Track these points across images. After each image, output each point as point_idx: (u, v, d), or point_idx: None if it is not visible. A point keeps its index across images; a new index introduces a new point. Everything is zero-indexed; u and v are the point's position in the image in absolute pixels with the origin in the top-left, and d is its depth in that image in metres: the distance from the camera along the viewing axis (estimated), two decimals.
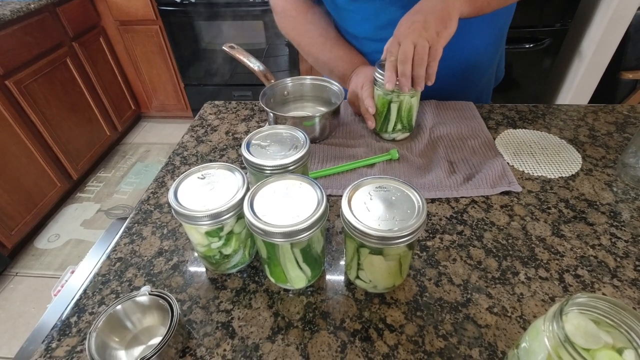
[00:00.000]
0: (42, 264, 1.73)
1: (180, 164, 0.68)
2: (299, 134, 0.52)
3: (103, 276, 0.49)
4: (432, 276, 0.47)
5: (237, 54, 0.74)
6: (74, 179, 2.05)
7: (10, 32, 1.63)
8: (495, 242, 0.51)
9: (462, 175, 0.61)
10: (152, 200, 0.61)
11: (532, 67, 1.85)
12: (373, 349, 0.40)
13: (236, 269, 0.49)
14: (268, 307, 0.45)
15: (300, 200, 0.40)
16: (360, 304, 0.44)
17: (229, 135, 0.75)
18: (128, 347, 0.40)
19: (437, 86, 0.67)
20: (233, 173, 0.46)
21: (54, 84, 1.89)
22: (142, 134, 2.58)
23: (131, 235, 0.55)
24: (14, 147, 1.68)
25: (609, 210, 0.55)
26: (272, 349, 0.41)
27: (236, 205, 0.41)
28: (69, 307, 0.46)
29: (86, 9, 2.06)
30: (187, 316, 0.44)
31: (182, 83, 2.38)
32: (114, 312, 0.39)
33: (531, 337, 0.32)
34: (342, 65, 0.76)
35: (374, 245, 0.38)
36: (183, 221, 0.42)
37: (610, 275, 0.46)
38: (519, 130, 0.72)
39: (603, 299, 0.29)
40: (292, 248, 0.41)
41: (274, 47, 2.14)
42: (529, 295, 0.44)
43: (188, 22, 2.10)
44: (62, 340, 0.43)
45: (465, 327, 0.42)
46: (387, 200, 0.41)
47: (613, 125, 0.73)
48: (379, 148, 0.68)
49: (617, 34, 1.63)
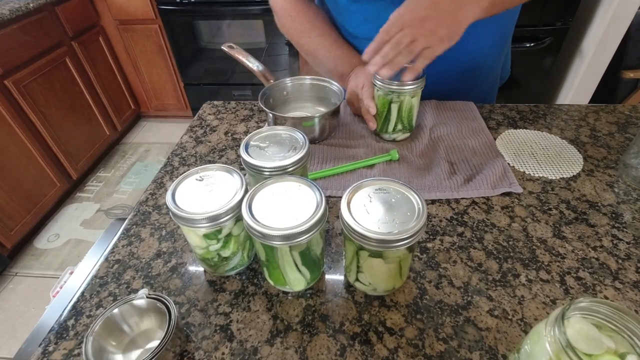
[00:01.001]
0: (41, 264, 1.73)
1: (179, 164, 0.68)
2: (298, 134, 0.52)
3: (101, 278, 0.49)
4: (432, 278, 0.47)
5: (236, 54, 0.74)
6: (74, 178, 2.05)
7: (9, 31, 1.63)
8: (495, 244, 0.51)
9: (462, 176, 0.61)
10: (150, 201, 0.61)
11: (532, 66, 1.84)
12: (373, 352, 0.40)
13: (235, 271, 0.48)
14: (267, 310, 0.44)
15: (299, 203, 0.40)
16: (360, 306, 0.44)
17: (228, 135, 0.75)
18: (125, 351, 0.40)
19: (441, 87, 0.66)
20: (231, 175, 0.45)
21: (53, 84, 1.89)
22: (142, 133, 2.58)
23: (129, 237, 0.55)
24: (13, 147, 1.67)
25: (610, 211, 0.55)
26: (271, 352, 0.40)
27: (234, 208, 0.41)
28: (67, 310, 0.46)
29: (85, 8, 2.06)
30: (185, 319, 0.44)
31: (182, 82, 2.38)
32: (112, 315, 0.39)
33: (532, 342, 0.31)
34: (341, 64, 0.76)
35: (373, 248, 0.38)
36: (181, 224, 0.42)
37: (612, 277, 0.46)
38: (520, 130, 0.72)
39: (605, 304, 0.29)
40: (291, 251, 0.40)
41: (273, 47, 2.13)
42: (530, 298, 0.44)
43: (187, 21, 2.09)
44: (59, 343, 0.42)
45: (466, 330, 0.41)
46: (387, 202, 0.40)
47: (615, 125, 0.73)
48: (379, 149, 0.68)
49: (618, 33, 1.62)
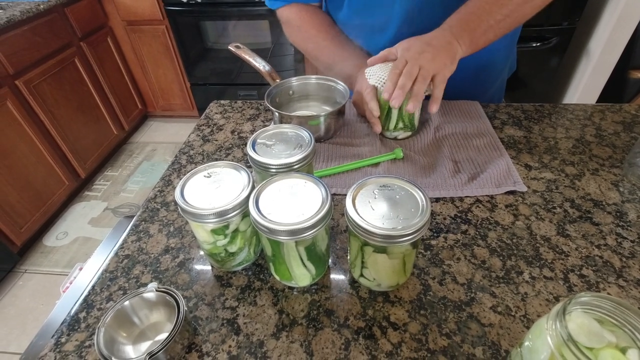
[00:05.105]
0: (50, 261, 1.76)
1: (186, 162, 0.69)
2: (304, 133, 0.53)
3: (111, 273, 0.50)
4: (436, 275, 0.47)
5: (242, 54, 0.75)
6: (82, 177, 2.08)
7: (20, 32, 1.66)
8: (499, 242, 0.51)
9: (466, 174, 0.61)
10: (158, 198, 0.62)
11: (539, 66, 1.83)
12: (377, 346, 0.40)
13: (241, 266, 0.49)
14: (273, 305, 0.45)
15: (305, 199, 0.41)
16: (364, 302, 0.45)
17: (234, 134, 0.76)
18: (135, 342, 0.41)
19: (453, 89, 0.67)
20: (238, 172, 0.46)
21: (63, 84, 1.91)
22: (149, 133, 2.60)
23: (138, 233, 0.56)
24: (24, 146, 1.70)
25: (615, 210, 0.55)
26: (276, 345, 0.41)
27: (242, 204, 0.42)
28: (78, 303, 0.47)
29: (94, 9, 2.09)
30: (193, 313, 0.45)
31: (188, 82, 2.40)
32: (122, 308, 0.40)
33: (534, 336, 0.32)
34: (347, 66, 0.76)
35: (378, 244, 0.39)
36: (189, 219, 0.43)
37: (615, 275, 0.46)
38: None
39: (607, 298, 0.30)
40: (296, 246, 0.41)
41: (279, 47, 2.15)
42: (533, 295, 0.44)
43: (194, 22, 2.11)
44: (71, 335, 0.43)
45: (469, 325, 0.42)
46: (391, 199, 0.41)
47: (620, 124, 0.73)
48: (384, 147, 0.68)
49: (626, 33, 1.61)
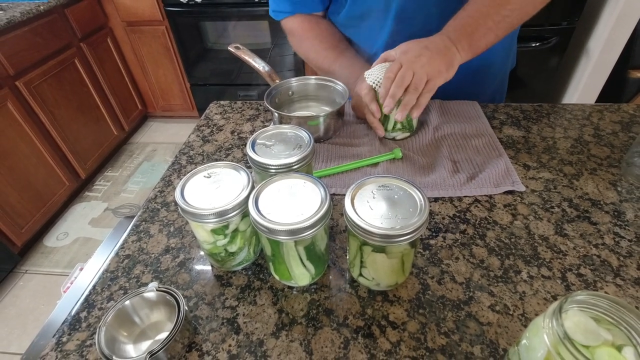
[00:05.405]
0: (51, 261, 1.76)
1: (186, 163, 0.70)
2: (303, 133, 0.53)
3: (111, 273, 0.51)
4: (434, 274, 0.47)
5: (242, 55, 0.75)
6: (82, 178, 2.08)
7: (20, 33, 1.66)
8: (498, 241, 0.51)
9: (465, 174, 0.61)
10: (159, 198, 0.62)
11: (538, 66, 1.84)
12: (375, 345, 0.41)
13: (241, 266, 0.50)
14: (272, 304, 0.45)
15: (305, 199, 0.41)
16: (363, 301, 0.45)
17: (234, 134, 0.76)
18: (136, 342, 0.41)
19: (452, 89, 0.68)
20: (238, 172, 0.46)
21: (63, 85, 1.92)
22: (149, 133, 2.61)
23: (139, 233, 0.56)
24: (24, 147, 1.71)
25: (612, 209, 0.55)
26: (276, 344, 0.41)
27: (241, 204, 0.42)
28: (79, 303, 0.47)
29: (94, 10, 2.09)
30: (194, 312, 0.45)
31: (188, 83, 2.41)
32: (123, 307, 0.40)
33: (531, 334, 0.32)
34: (347, 73, 0.77)
35: (376, 243, 0.39)
36: (189, 219, 0.43)
37: (613, 274, 0.46)
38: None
39: (603, 297, 0.30)
40: (296, 246, 0.41)
41: (279, 47, 2.15)
42: (531, 294, 0.45)
43: (194, 22, 2.12)
44: (72, 334, 0.44)
45: (467, 324, 0.42)
46: (390, 198, 0.41)
47: (618, 124, 0.73)
48: (383, 147, 0.68)
49: (625, 32, 1.61)
